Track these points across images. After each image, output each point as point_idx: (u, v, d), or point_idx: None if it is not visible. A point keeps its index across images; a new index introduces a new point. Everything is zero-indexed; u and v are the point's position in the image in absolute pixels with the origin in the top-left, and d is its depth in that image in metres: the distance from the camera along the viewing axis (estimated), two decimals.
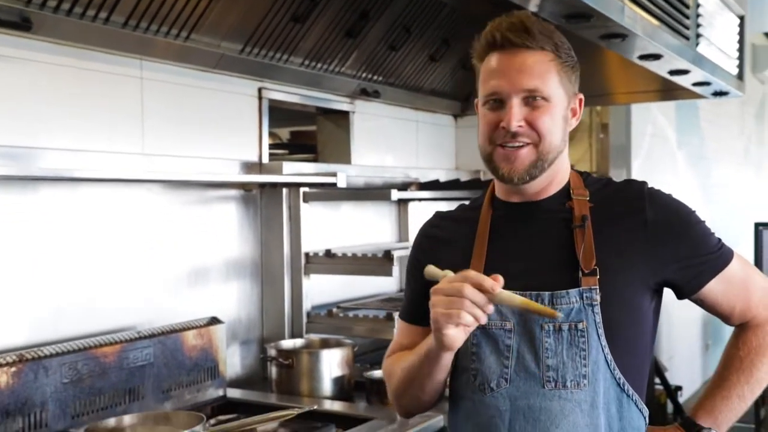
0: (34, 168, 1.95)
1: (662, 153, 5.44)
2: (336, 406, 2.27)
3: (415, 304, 1.55)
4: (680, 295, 1.48)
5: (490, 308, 1.30)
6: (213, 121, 2.56)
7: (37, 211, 2.04)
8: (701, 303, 1.49)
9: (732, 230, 7.64)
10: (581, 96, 1.49)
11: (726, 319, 1.51)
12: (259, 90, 2.72)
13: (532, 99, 1.39)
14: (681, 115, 5.98)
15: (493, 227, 1.49)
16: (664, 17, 2.32)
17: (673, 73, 2.70)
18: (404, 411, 1.61)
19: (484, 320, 1.31)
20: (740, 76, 3.27)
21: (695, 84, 2.96)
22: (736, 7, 3.15)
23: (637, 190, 1.47)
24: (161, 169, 2.30)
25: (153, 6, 2.08)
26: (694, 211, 1.48)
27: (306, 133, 3.86)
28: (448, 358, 1.42)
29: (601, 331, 1.38)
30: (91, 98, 2.18)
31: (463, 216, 1.56)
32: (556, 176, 1.48)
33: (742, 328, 1.51)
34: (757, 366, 1.46)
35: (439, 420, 2.07)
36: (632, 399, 1.40)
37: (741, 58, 3.27)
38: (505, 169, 1.42)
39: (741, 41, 3.28)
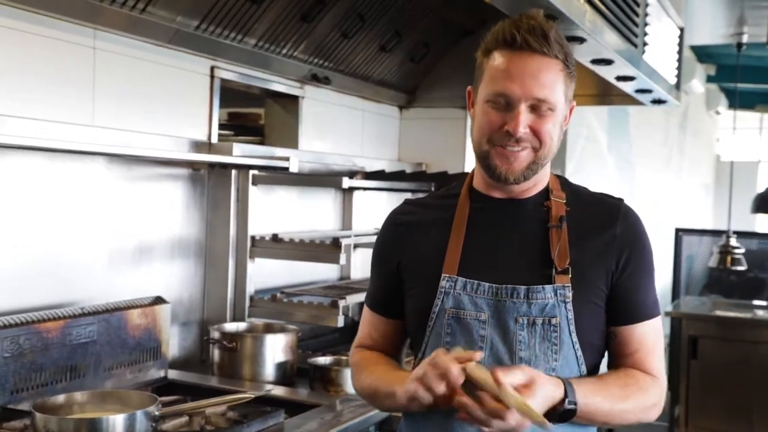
0: None
1: (594, 156, 5.60)
2: (279, 391, 2.26)
3: (384, 295, 1.57)
4: (608, 320, 1.49)
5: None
6: (164, 97, 2.50)
7: None
8: (614, 336, 1.50)
9: (654, 234, 7.94)
10: (574, 103, 1.52)
11: (621, 357, 1.51)
12: (212, 69, 2.68)
13: (538, 107, 1.40)
14: (612, 120, 6.17)
15: (470, 219, 1.51)
16: (616, 22, 2.39)
17: (619, 78, 2.78)
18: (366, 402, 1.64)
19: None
20: (678, 85, 3.39)
21: (637, 91, 3.06)
22: (676, 17, 3.27)
23: (615, 204, 1.52)
24: (109, 143, 2.24)
25: None
26: (652, 250, 1.53)
27: (245, 115, 3.81)
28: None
29: (573, 327, 1.43)
30: (41, 65, 2.11)
31: (437, 204, 1.57)
32: (541, 178, 1.51)
33: (631, 368, 1.51)
34: (633, 397, 1.47)
35: None
36: (568, 381, 1.42)
37: (680, 68, 3.39)
38: (503, 169, 1.43)
39: (680, 51, 3.40)
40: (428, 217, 1.55)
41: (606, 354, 1.55)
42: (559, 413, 1.37)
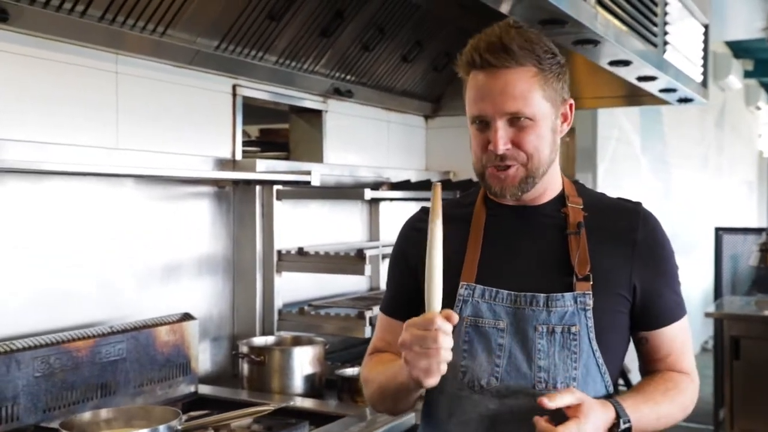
0: (10, 159, 1.93)
1: (626, 157, 5.54)
2: (307, 403, 2.28)
3: (400, 298, 1.57)
4: (638, 326, 1.50)
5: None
6: (187, 117, 2.55)
7: (11, 203, 2.03)
8: (644, 341, 1.51)
9: (693, 234, 7.81)
10: (571, 101, 1.49)
11: (654, 362, 1.52)
12: (234, 87, 2.73)
13: (516, 120, 1.39)
14: (645, 121, 6.10)
15: (487, 227, 1.50)
16: (633, 24, 2.37)
17: (640, 79, 2.76)
18: (382, 412, 1.63)
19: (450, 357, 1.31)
20: (704, 83, 3.35)
21: (662, 90, 3.03)
22: (700, 15, 3.23)
23: (633, 209, 1.51)
24: (135, 164, 2.30)
25: (129, 0, 2.07)
26: (674, 252, 1.52)
27: (276, 131, 3.86)
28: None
29: (593, 335, 1.41)
30: (66, 91, 2.17)
31: (453, 213, 1.54)
32: (550, 184, 1.50)
33: (666, 370, 1.52)
34: (675, 400, 1.48)
35: (410, 418, 2.09)
36: (615, 400, 1.41)
37: (705, 65, 3.35)
38: (497, 187, 1.44)
39: (705, 49, 3.36)
40: (445, 225, 1.51)
41: (638, 358, 1.55)
42: None
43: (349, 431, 1.98)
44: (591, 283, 1.41)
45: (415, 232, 1.57)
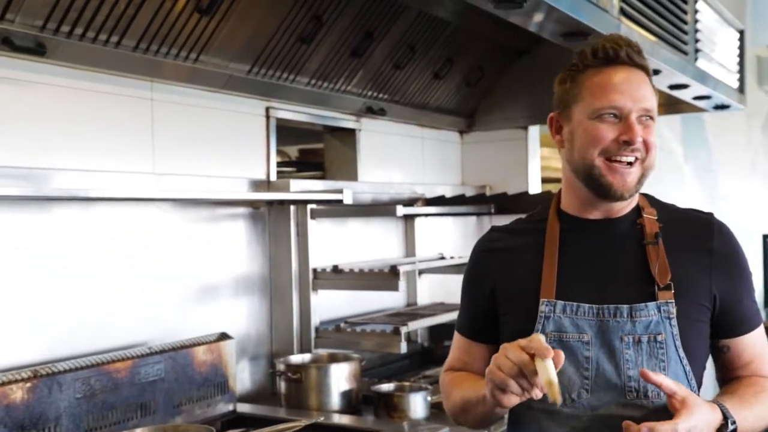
0: (47, 188, 2.00)
1: (668, 166, 5.46)
2: (344, 419, 2.30)
3: (474, 320, 1.61)
4: (719, 334, 1.51)
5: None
6: (221, 140, 2.61)
7: (51, 230, 2.09)
8: (726, 350, 1.52)
9: (742, 242, 7.64)
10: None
11: (735, 369, 1.53)
12: (267, 109, 2.78)
13: (644, 118, 1.44)
14: (687, 129, 6.01)
15: (562, 241, 1.52)
16: (662, 33, 2.36)
17: (673, 87, 2.74)
18: (463, 425, 1.65)
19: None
20: (741, 89, 3.30)
21: (695, 98, 3.00)
22: (735, 21, 3.19)
23: (706, 219, 1.54)
24: (171, 188, 2.36)
25: (163, 29, 2.13)
26: (748, 261, 1.55)
27: (315, 151, 3.91)
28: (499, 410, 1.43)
29: (679, 343, 1.43)
30: (103, 120, 2.24)
31: (525, 228, 1.60)
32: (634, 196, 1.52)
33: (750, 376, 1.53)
34: (766, 404, 1.48)
35: None
36: (719, 402, 1.43)
37: (742, 71, 3.30)
38: (618, 185, 1.44)
39: (741, 55, 3.31)
40: (518, 243, 1.57)
41: (715, 367, 1.56)
42: None
43: None
44: (673, 291, 1.44)
45: (485, 253, 1.61)
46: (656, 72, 2.46)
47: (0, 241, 1.97)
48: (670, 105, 3.63)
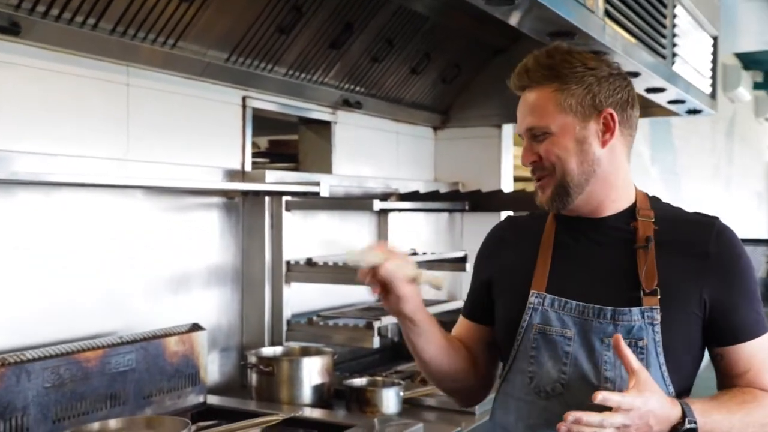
0: (19, 171, 1.94)
1: (636, 168, 5.51)
2: (316, 413, 2.28)
3: (474, 301, 1.67)
4: (712, 341, 1.49)
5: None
6: (197, 128, 2.57)
7: (18, 216, 2.04)
8: (720, 357, 1.50)
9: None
10: (609, 111, 1.48)
11: (731, 378, 1.50)
12: (243, 98, 2.74)
13: (535, 136, 1.49)
14: (655, 132, 6.09)
15: (557, 238, 1.56)
16: (641, 36, 2.38)
17: (649, 90, 2.76)
18: (448, 393, 1.76)
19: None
20: (713, 95, 3.34)
21: (670, 102, 3.03)
22: (709, 27, 3.23)
23: (708, 223, 1.52)
24: (144, 175, 2.31)
25: (141, 13, 2.09)
26: (753, 267, 1.52)
27: (285, 142, 3.87)
28: (408, 325, 1.54)
29: (660, 349, 1.43)
30: (77, 103, 2.19)
31: (530, 223, 1.64)
32: (609, 195, 1.52)
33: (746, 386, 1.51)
34: (752, 413, 1.45)
35: (419, 428, 2.09)
36: (684, 401, 1.42)
37: (714, 77, 3.34)
38: (538, 198, 1.54)
39: (714, 61, 3.36)
40: (521, 234, 1.63)
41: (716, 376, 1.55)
42: None
43: None
44: (658, 297, 1.43)
45: (492, 241, 1.69)
46: (636, 74, 2.48)
47: None
48: (641, 108, 3.66)
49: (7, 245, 2.00)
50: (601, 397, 1.29)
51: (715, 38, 3.33)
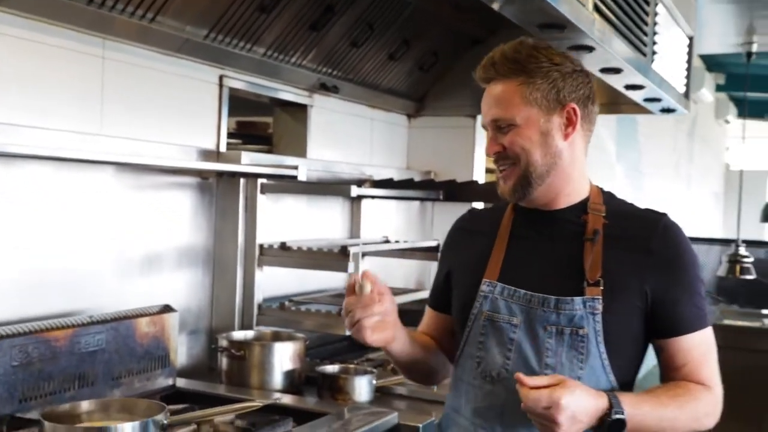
0: None
1: (602, 165, 5.58)
2: (286, 399, 2.25)
3: (437, 291, 1.72)
4: (653, 333, 1.55)
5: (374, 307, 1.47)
6: (172, 106, 2.51)
7: None
8: (660, 349, 1.55)
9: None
10: (572, 106, 1.54)
11: (671, 370, 1.55)
12: (221, 77, 2.69)
13: (500, 126, 1.53)
14: (621, 129, 6.15)
15: (513, 230, 1.62)
16: (625, 31, 2.38)
17: (628, 87, 2.77)
18: (412, 380, 1.87)
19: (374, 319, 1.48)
20: (686, 94, 3.38)
21: (646, 99, 3.05)
22: (686, 26, 3.26)
23: (654, 218, 1.57)
24: (118, 152, 2.25)
25: None
26: (698, 263, 1.56)
27: (253, 124, 3.82)
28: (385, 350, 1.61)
29: (601, 338, 1.48)
30: (50, 74, 2.12)
31: (489, 214, 1.72)
32: (565, 188, 1.57)
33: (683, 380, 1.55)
34: (684, 406, 1.50)
35: (393, 417, 2.08)
36: (613, 393, 1.45)
37: (689, 76, 3.38)
38: (500, 188, 1.59)
39: (689, 60, 3.39)
40: (480, 226, 1.69)
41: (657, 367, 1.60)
42: (608, 424, 1.39)
43: (332, 428, 1.96)
44: (601, 288, 1.47)
45: (454, 232, 1.75)
46: (618, 71, 2.48)
47: None
48: (612, 105, 3.69)
49: None
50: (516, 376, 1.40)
51: (690, 38, 3.36)
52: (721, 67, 8.52)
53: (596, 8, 2.08)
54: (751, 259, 5.08)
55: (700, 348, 1.53)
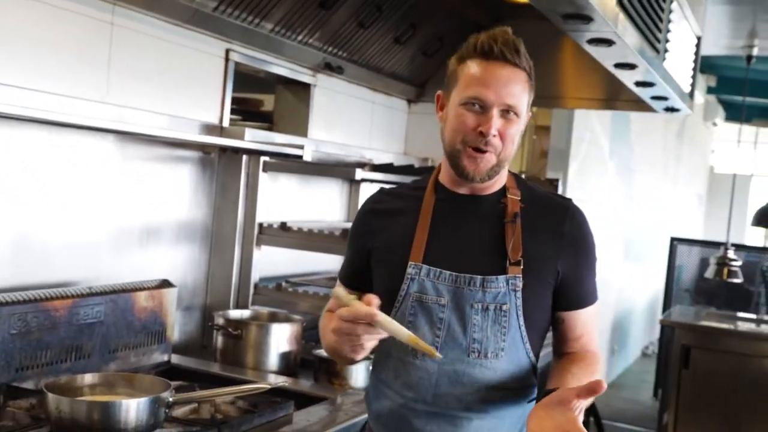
0: None
1: (595, 160, 5.58)
2: (280, 380, 2.22)
3: (354, 272, 1.73)
4: (557, 307, 1.66)
5: (382, 334, 1.44)
6: (178, 77, 2.46)
7: None
8: (561, 321, 1.67)
9: (649, 242, 7.94)
10: (531, 114, 1.66)
11: (568, 341, 1.68)
12: (227, 51, 2.64)
13: (507, 113, 1.54)
14: (615, 125, 6.15)
15: (435, 212, 1.64)
16: (642, 27, 2.36)
17: (638, 84, 2.76)
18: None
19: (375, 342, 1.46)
20: (691, 94, 3.37)
21: (653, 97, 3.03)
22: (695, 26, 3.24)
23: (564, 204, 1.67)
24: (122, 120, 2.20)
25: None
26: (596, 244, 1.69)
27: (248, 100, 3.76)
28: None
29: (521, 312, 1.58)
30: (58, 38, 2.06)
31: (407, 194, 1.70)
32: (502, 177, 1.65)
33: (574, 351, 1.68)
34: (595, 376, 1.58)
35: None
36: (533, 365, 1.62)
37: (694, 76, 3.37)
38: (470, 169, 1.57)
39: (696, 60, 3.38)
40: (398, 207, 1.68)
41: (552, 338, 1.71)
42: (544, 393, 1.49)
43: (332, 412, 1.94)
44: (522, 267, 1.57)
45: (371, 215, 1.72)
46: (632, 66, 2.46)
47: None
48: (611, 101, 3.68)
49: None
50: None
51: (699, 38, 3.35)
52: (714, 70, 8.54)
53: (619, 2, 2.05)
54: (740, 263, 5.11)
55: (593, 320, 1.69)
